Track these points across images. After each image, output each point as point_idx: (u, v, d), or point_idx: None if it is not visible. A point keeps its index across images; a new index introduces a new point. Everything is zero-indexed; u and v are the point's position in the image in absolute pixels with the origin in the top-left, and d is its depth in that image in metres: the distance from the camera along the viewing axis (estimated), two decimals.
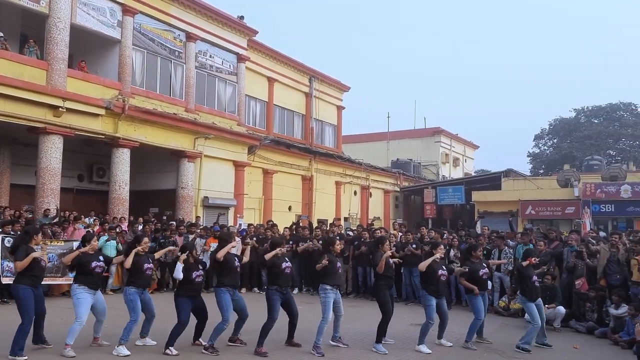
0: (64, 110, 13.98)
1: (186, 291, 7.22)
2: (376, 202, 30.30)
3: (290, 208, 23.48)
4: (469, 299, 8.50)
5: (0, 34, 13.59)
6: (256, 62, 22.16)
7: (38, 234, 7.12)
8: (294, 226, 15.65)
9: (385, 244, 8.01)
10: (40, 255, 6.90)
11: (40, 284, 7.01)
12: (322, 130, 27.40)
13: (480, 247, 9.48)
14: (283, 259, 7.56)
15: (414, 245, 12.38)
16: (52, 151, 14.02)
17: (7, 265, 10.04)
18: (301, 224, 15.84)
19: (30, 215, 13.34)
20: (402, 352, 7.70)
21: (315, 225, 15.71)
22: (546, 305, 9.57)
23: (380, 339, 7.69)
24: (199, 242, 12.99)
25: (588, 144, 47.69)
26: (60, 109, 13.90)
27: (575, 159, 44.80)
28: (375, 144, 37.99)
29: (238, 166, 19.94)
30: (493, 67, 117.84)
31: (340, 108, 28.82)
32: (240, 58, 20.40)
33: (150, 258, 7.62)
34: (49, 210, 13.42)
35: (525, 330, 8.18)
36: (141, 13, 16.51)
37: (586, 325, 9.66)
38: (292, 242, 13.57)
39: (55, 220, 12.66)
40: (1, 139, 15.38)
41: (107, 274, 12.34)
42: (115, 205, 15.63)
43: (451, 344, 8.12)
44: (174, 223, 14.77)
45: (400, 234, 14.04)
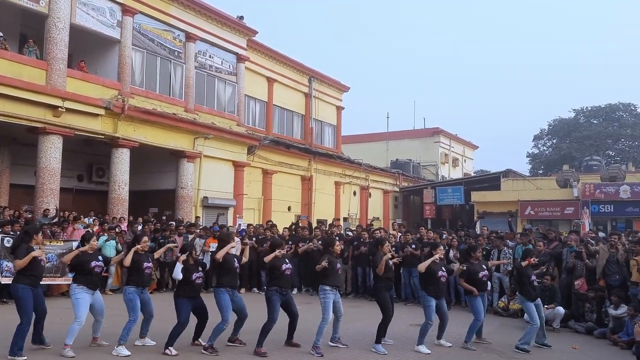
0: (64, 110, 13.98)
1: (185, 292, 7.23)
2: (375, 202, 30.30)
3: (289, 208, 23.49)
4: (469, 300, 8.52)
5: (0, 33, 13.59)
6: (256, 62, 22.16)
7: (38, 233, 7.10)
8: (293, 226, 15.67)
9: (384, 245, 8.02)
10: (39, 254, 6.91)
11: (39, 283, 7.00)
12: (321, 130, 27.39)
13: (480, 248, 9.48)
14: (283, 261, 7.56)
15: (413, 246, 12.39)
16: (52, 151, 14.02)
17: (7, 265, 10.05)
18: (300, 224, 15.85)
19: (30, 216, 13.34)
20: (401, 352, 7.70)
21: (315, 226, 15.72)
22: (545, 306, 9.59)
23: (379, 339, 7.70)
24: (199, 243, 13.01)
25: (587, 145, 47.73)
26: (59, 109, 13.90)
27: (574, 160, 44.86)
28: (375, 144, 37.99)
29: (237, 166, 19.95)
30: (493, 67, 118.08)
31: (339, 108, 28.82)
32: (240, 58, 20.41)
33: (149, 257, 7.63)
34: (49, 210, 13.41)
35: (524, 331, 8.19)
36: (141, 13, 16.51)
37: (585, 326, 9.67)
38: (291, 242, 13.58)
39: (54, 221, 12.65)
40: (1, 138, 15.37)
41: (107, 274, 12.35)
42: (115, 205, 15.64)
43: (450, 345, 8.13)
44: (174, 223, 14.78)
45: (399, 234, 14.05)
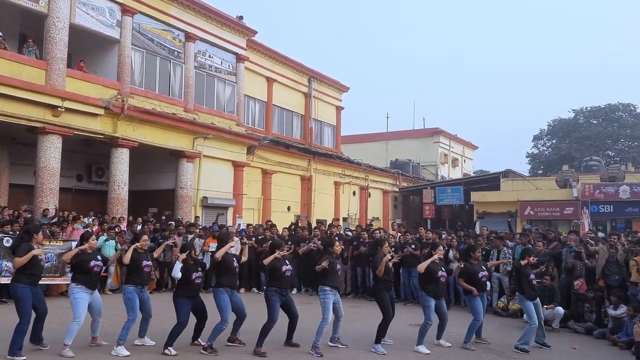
0: (63, 110, 13.97)
1: (185, 292, 7.23)
2: (375, 202, 30.30)
3: (289, 208, 23.48)
4: (468, 300, 8.52)
5: None
6: (255, 62, 22.14)
7: (38, 232, 7.07)
8: (292, 226, 15.67)
9: (384, 246, 8.02)
10: (40, 252, 6.90)
11: (38, 282, 6.98)
12: (321, 130, 27.38)
13: (479, 248, 9.48)
14: (283, 262, 7.54)
15: (412, 246, 12.39)
16: (51, 151, 14.01)
17: (6, 265, 10.05)
18: (300, 225, 15.84)
19: (29, 215, 13.34)
20: (401, 352, 7.71)
21: (314, 226, 15.72)
22: (545, 306, 9.60)
23: (379, 339, 7.70)
24: (198, 242, 13.00)
25: (587, 145, 47.72)
26: (59, 108, 13.89)
27: (574, 160, 44.87)
28: (374, 144, 37.98)
29: (237, 166, 19.94)
30: (493, 67, 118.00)
31: (339, 108, 28.81)
32: (240, 58, 20.40)
33: (149, 256, 7.62)
34: (48, 210, 13.40)
35: (523, 331, 8.19)
36: (140, 13, 16.50)
37: (585, 326, 9.68)
38: (290, 242, 13.57)
39: (54, 220, 12.65)
40: (0, 138, 15.37)
41: (106, 274, 12.35)
42: (114, 205, 15.62)
43: (450, 345, 8.14)
44: (173, 223, 14.77)
45: (399, 234, 14.05)
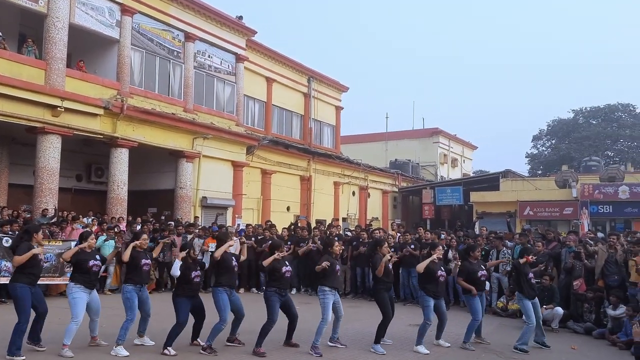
0: (63, 110, 13.97)
1: (184, 291, 7.22)
2: (374, 202, 30.29)
3: (288, 208, 23.47)
4: (467, 300, 8.52)
5: None
6: (255, 62, 22.14)
7: (38, 232, 7.07)
8: (292, 227, 15.66)
9: (383, 247, 8.02)
10: (40, 251, 6.90)
11: (37, 282, 6.96)
12: (320, 130, 27.37)
13: (479, 248, 9.48)
14: (283, 263, 7.53)
15: (412, 246, 12.39)
16: (51, 151, 14.00)
17: (5, 265, 10.04)
18: (299, 225, 15.84)
19: (29, 215, 13.33)
20: (400, 352, 7.71)
21: (314, 226, 15.71)
22: (544, 306, 9.61)
23: (378, 339, 7.71)
24: (198, 242, 12.99)
25: (586, 145, 47.75)
26: (58, 108, 13.89)
27: (573, 160, 44.90)
28: (374, 144, 37.98)
29: (236, 166, 19.94)
30: (493, 67, 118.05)
31: (338, 108, 28.80)
32: (239, 58, 20.40)
33: (148, 255, 7.62)
34: (47, 210, 13.40)
35: (521, 331, 8.17)
36: (140, 13, 16.50)
37: (584, 326, 9.68)
38: (290, 242, 13.57)
39: (53, 220, 12.65)
40: None
41: (105, 274, 12.35)
42: (114, 205, 15.62)
43: (449, 345, 8.14)
44: (172, 223, 14.76)
45: (398, 234, 14.05)
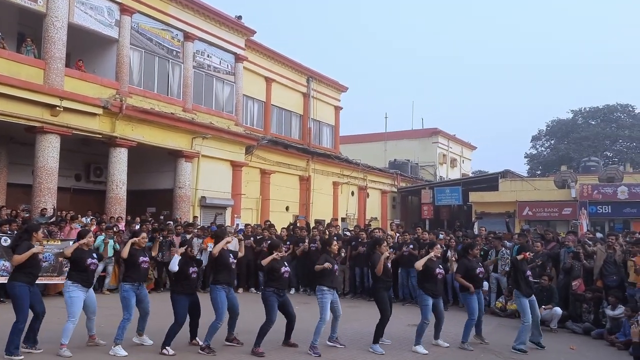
0: (61, 109, 13.96)
1: (183, 288, 7.20)
2: (373, 202, 30.29)
3: (287, 208, 23.47)
4: (464, 298, 8.48)
5: None
6: (254, 62, 22.13)
7: (38, 231, 7.05)
8: (291, 227, 15.65)
9: (382, 245, 8.01)
10: (40, 250, 6.89)
11: (36, 282, 6.94)
12: (319, 130, 27.38)
13: (478, 246, 9.48)
14: (282, 263, 7.53)
15: (411, 246, 12.39)
16: (49, 150, 13.99)
17: (3, 264, 10.02)
18: (298, 225, 15.83)
19: (27, 215, 13.31)
20: (399, 352, 7.70)
21: (313, 226, 15.71)
22: (543, 306, 9.61)
23: (377, 339, 7.71)
24: (196, 242, 12.96)
25: (585, 145, 47.77)
26: (57, 108, 13.88)
27: (572, 160, 44.92)
28: (373, 144, 37.98)
29: (235, 166, 19.93)
30: (493, 67, 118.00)
31: (338, 108, 28.80)
32: (238, 58, 20.39)
33: (147, 253, 7.60)
34: (46, 209, 13.37)
35: (518, 330, 8.13)
36: (139, 12, 16.49)
37: (583, 326, 9.68)
38: (289, 242, 13.57)
39: (52, 220, 12.62)
40: None
41: (104, 274, 12.35)
42: (113, 204, 15.61)
43: (448, 345, 8.13)
44: (171, 223, 14.74)
45: (397, 234, 14.05)
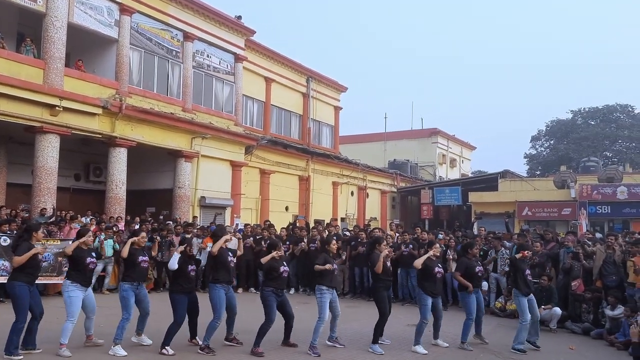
0: (61, 109, 13.95)
1: (181, 287, 7.19)
2: (373, 202, 30.30)
3: (287, 208, 23.47)
4: (462, 297, 8.45)
5: None
6: (253, 62, 22.13)
7: (38, 231, 7.04)
8: (290, 227, 15.66)
9: (382, 244, 8.01)
10: (40, 250, 6.89)
11: (35, 281, 6.94)
12: (319, 130, 27.38)
13: (477, 245, 9.48)
14: (281, 263, 7.52)
15: (410, 246, 12.39)
16: (49, 150, 13.99)
17: (3, 264, 10.02)
18: (298, 225, 15.83)
19: (27, 215, 13.31)
20: (398, 352, 7.70)
21: (312, 226, 15.71)
22: (542, 307, 9.61)
23: (376, 339, 7.70)
24: (196, 242, 12.95)
25: (585, 146, 47.81)
26: (57, 108, 13.87)
27: (571, 161, 44.95)
28: (373, 144, 38.01)
29: (235, 166, 19.93)
30: (493, 67, 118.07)
31: (337, 108, 28.80)
32: (238, 58, 20.39)
33: (146, 253, 7.59)
34: (46, 209, 13.37)
35: (516, 330, 8.12)
36: (138, 12, 16.48)
37: (582, 326, 9.69)
38: (289, 242, 13.57)
39: (51, 220, 12.62)
40: None
41: (104, 274, 12.34)
42: (112, 204, 15.60)
43: (447, 345, 8.13)
44: (171, 223, 14.74)
45: (397, 234, 14.05)
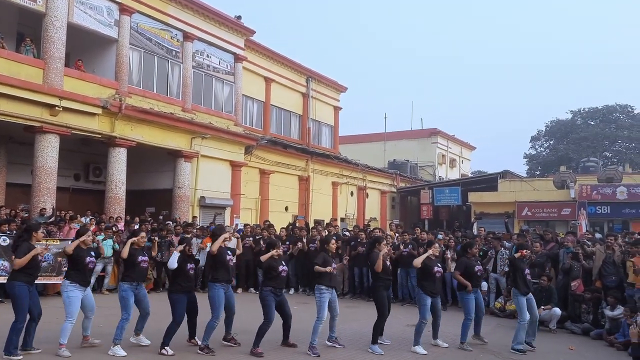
0: (61, 109, 13.94)
1: (181, 286, 7.18)
2: (373, 202, 30.30)
3: (286, 208, 23.46)
4: (461, 297, 8.44)
5: None
6: (253, 62, 22.13)
7: (38, 230, 7.04)
8: (290, 227, 15.66)
9: (382, 243, 8.01)
10: (41, 251, 6.89)
11: (35, 281, 6.93)
12: (319, 130, 27.37)
13: (476, 245, 9.48)
14: (280, 262, 7.53)
15: (410, 246, 12.40)
16: (49, 150, 13.98)
17: (2, 264, 10.02)
18: (298, 225, 15.82)
19: (26, 215, 13.31)
20: (398, 352, 7.70)
21: (312, 226, 15.71)
22: (542, 307, 9.62)
23: (375, 339, 7.69)
24: (195, 242, 12.95)
25: (584, 146, 47.84)
26: (56, 107, 13.87)
27: (571, 161, 44.96)
28: (372, 144, 38.03)
29: (235, 166, 19.93)
30: (493, 67, 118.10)
31: (337, 108, 28.81)
32: (238, 58, 20.39)
33: (146, 253, 7.58)
34: (45, 209, 13.37)
35: (515, 330, 8.11)
36: (138, 12, 16.48)
37: (582, 327, 9.69)
38: (288, 242, 13.57)
39: (51, 220, 12.62)
40: None
41: (104, 274, 12.34)
42: (112, 204, 15.60)
43: (447, 345, 8.13)
44: (171, 223, 14.73)
45: (396, 234, 14.05)
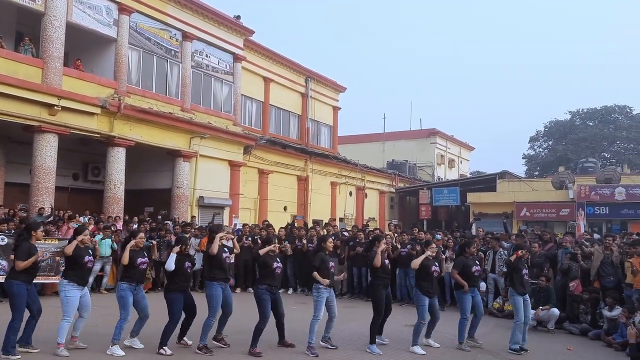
0: (59, 108, 13.93)
1: (178, 285, 7.17)
2: (371, 202, 30.31)
3: (285, 208, 23.46)
4: (457, 296, 8.43)
5: None
6: (252, 62, 22.13)
7: (37, 230, 7.01)
8: (289, 227, 15.67)
9: (381, 242, 8.00)
10: (42, 253, 6.87)
11: (33, 280, 6.92)
12: (318, 130, 27.38)
13: (475, 244, 9.49)
14: (275, 259, 7.54)
15: (409, 246, 12.41)
16: (47, 150, 13.97)
17: (1, 263, 10.00)
18: (296, 225, 15.84)
19: (25, 214, 13.30)
20: (396, 352, 7.70)
21: (310, 226, 15.71)
22: (540, 307, 9.63)
23: (373, 339, 7.68)
24: (194, 242, 12.94)
25: (583, 147, 47.89)
26: (55, 107, 13.86)
27: (570, 161, 44.99)
28: (371, 144, 38.06)
29: (234, 166, 19.92)
30: (492, 67, 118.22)
31: (336, 108, 28.81)
32: (237, 58, 20.39)
33: (145, 254, 7.55)
34: (44, 209, 13.36)
35: (511, 331, 8.11)
36: (137, 12, 16.47)
37: (580, 327, 9.70)
38: (287, 242, 13.58)
39: (49, 219, 12.60)
40: None
41: (102, 273, 12.32)
42: (110, 204, 15.59)
43: (439, 345, 8.10)
44: (169, 223, 14.72)
45: (395, 234, 14.06)
